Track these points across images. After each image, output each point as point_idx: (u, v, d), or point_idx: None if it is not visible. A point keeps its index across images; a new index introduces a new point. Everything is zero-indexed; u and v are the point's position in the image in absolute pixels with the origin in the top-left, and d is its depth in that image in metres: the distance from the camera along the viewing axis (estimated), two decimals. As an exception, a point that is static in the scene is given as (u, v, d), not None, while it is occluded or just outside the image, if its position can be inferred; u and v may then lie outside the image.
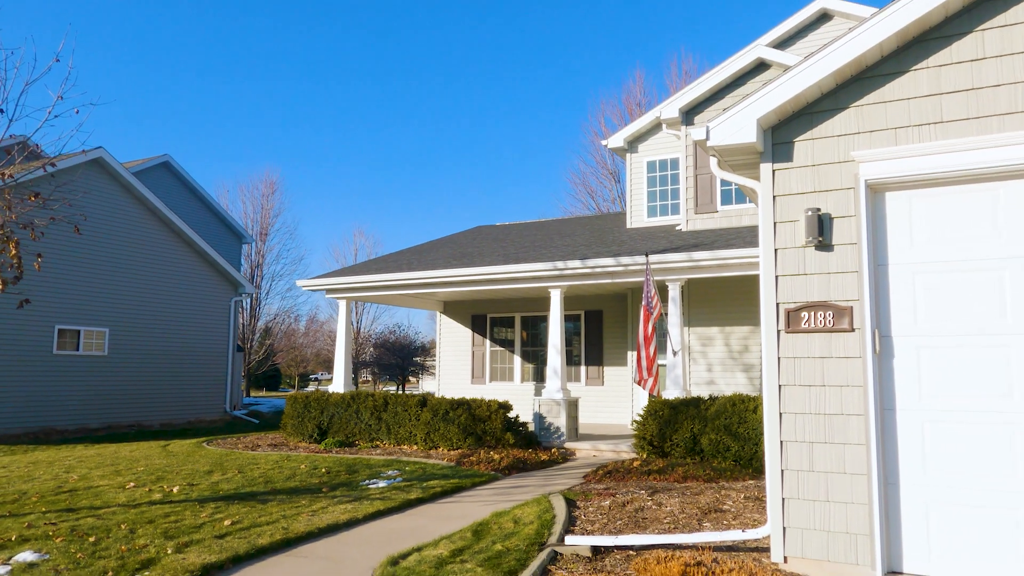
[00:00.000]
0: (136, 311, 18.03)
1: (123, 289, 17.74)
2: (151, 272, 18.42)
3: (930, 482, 4.78)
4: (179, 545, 5.91)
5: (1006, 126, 4.65)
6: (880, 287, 5.00)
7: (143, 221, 18.33)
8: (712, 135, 5.35)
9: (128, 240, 17.89)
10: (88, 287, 16.93)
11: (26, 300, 7.24)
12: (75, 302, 16.64)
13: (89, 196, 16.41)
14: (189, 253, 19.55)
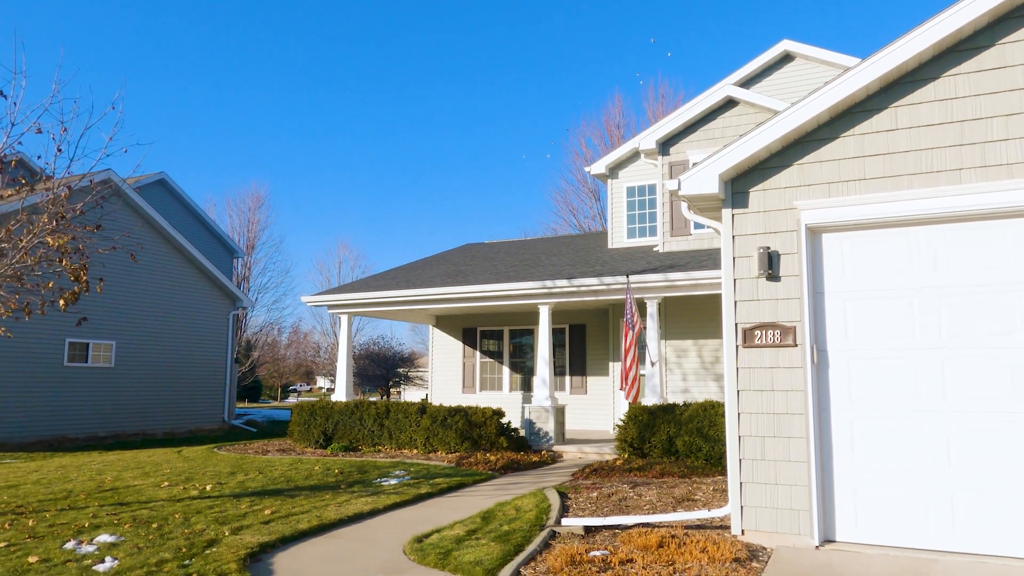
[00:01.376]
0: (141, 324, 18.87)
1: (129, 303, 18.59)
2: (155, 287, 19.29)
3: (857, 467, 5.96)
4: (233, 529, 6.93)
5: (914, 184, 5.86)
6: (818, 310, 6.19)
7: (148, 238, 19.20)
8: (683, 186, 6.52)
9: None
10: (96, 302, 17.75)
11: (84, 318, 8.23)
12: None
13: (96, 213, 17.27)
14: (190, 269, 20.44)
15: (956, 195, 5.72)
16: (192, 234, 26.94)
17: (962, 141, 5.75)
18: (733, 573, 5.20)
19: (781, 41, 14.61)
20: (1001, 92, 5.66)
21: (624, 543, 6.11)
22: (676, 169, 14.30)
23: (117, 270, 18.31)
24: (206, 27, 77.89)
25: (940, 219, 5.87)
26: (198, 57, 79.42)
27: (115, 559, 5.87)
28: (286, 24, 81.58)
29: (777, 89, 14.52)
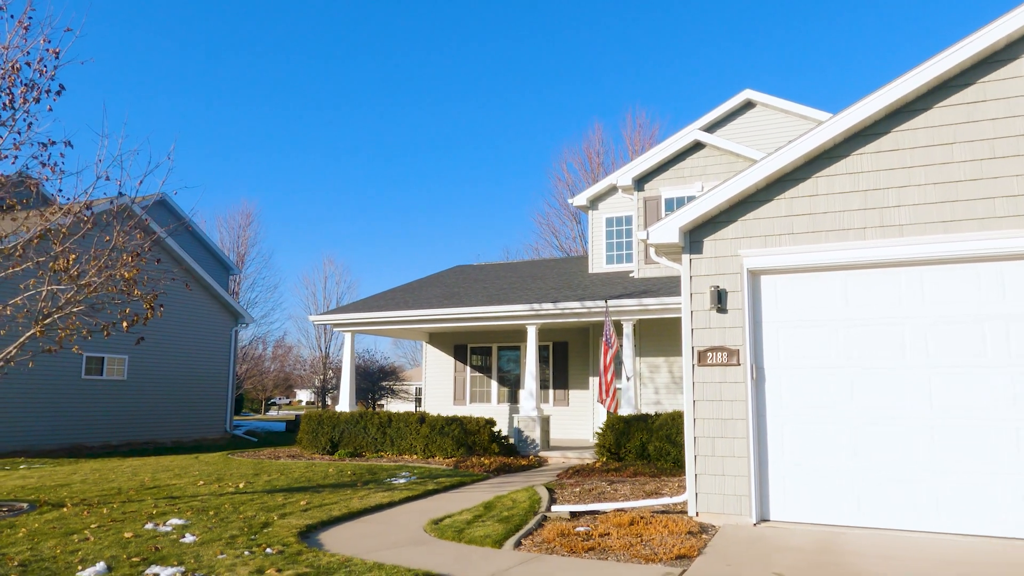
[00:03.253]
0: (151, 340, 20.10)
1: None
2: (165, 304, 20.53)
3: (786, 461, 7.54)
4: (280, 515, 8.35)
5: (830, 239, 7.49)
6: (756, 336, 7.79)
7: (162, 260, 20.48)
8: (651, 235, 8.11)
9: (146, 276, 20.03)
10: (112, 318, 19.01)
11: (141, 338, 9.62)
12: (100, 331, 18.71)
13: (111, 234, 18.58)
14: (197, 288, 21.73)
15: (861, 248, 7.35)
16: (191, 252, 28.20)
17: (866, 206, 7.39)
18: (687, 541, 6.73)
19: (744, 90, 16.37)
20: (895, 169, 7.32)
21: (602, 522, 7.64)
22: (650, 203, 15.96)
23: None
24: (198, 44, 79.00)
25: (850, 266, 7.50)
26: (190, 75, 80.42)
27: (193, 535, 7.27)
28: (278, 42, 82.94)
29: (740, 133, 16.25)
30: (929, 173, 7.18)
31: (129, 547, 6.74)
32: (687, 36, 76.49)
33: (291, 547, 6.74)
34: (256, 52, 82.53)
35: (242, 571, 5.87)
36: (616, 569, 5.92)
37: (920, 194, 7.18)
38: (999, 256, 6.95)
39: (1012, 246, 6.83)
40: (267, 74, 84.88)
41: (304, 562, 6.16)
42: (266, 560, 6.22)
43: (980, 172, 6.98)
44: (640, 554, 6.33)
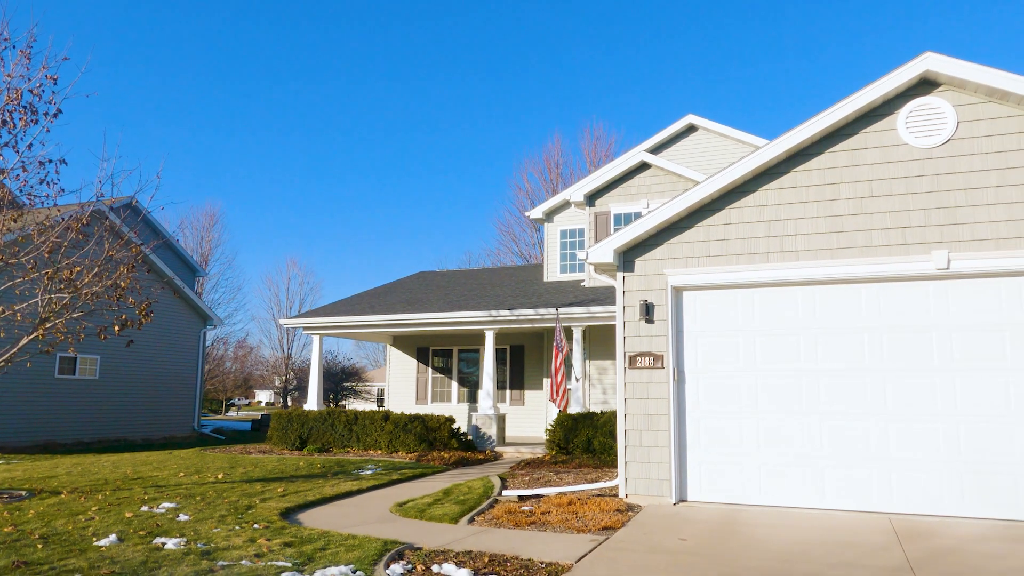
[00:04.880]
0: (123, 340, 20.81)
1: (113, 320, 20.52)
2: (137, 307, 21.25)
3: (702, 451, 8.84)
4: (261, 499, 9.40)
5: (740, 261, 8.81)
6: (679, 344, 9.08)
7: (132, 263, 21.19)
8: (590, 256, 9.36)
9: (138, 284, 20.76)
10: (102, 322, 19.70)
11: (131, 341, 10.55)
12: (97, 335, 19.41)
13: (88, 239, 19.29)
14: (167, 290, 22.43)
15: (765, 270, 8.69)
16: (160, 255, 28.79)
17: (769, 234, 8.74)
18: (614, 516, 7.97)
19: (687, 115, 17.79)
20: (793, 203, 8.68)
21: (545, 504, 8.86)
22: (600, 218, 17.27)
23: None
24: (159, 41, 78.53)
25: (756, 285, 8.83)
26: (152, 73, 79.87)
27: (186, 515, 8.29)
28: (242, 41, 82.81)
29: (683, 155, 17.66)
30: (820, 208, 8.55)
31: (132, 524, 7.75)
32: (645, 56, 78.66)
33: (275, 523, 7.81)
34: (220, 50, 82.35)
35: (236, 540, 6.94)
36: (552, 537, 7.13)
37: (813, 225, 8.54)
38: (876, 279, 8.34)
39: (886, 271, 8.23)
40: (231, 75, 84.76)
41: (288, 534, 7.25)
42: (255, 532, 7.29)
43: (860, 208, 8.37)
44: (574, 526, 7.55)
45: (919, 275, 8.13)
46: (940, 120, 8.13)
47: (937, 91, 8.20)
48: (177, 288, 21.72)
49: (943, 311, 8.09)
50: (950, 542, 6.72)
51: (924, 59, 8.05)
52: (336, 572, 5.71)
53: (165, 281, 21.28)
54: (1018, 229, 7.72)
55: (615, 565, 6.02)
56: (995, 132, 7.91)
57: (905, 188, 8.20)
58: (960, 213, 7.96)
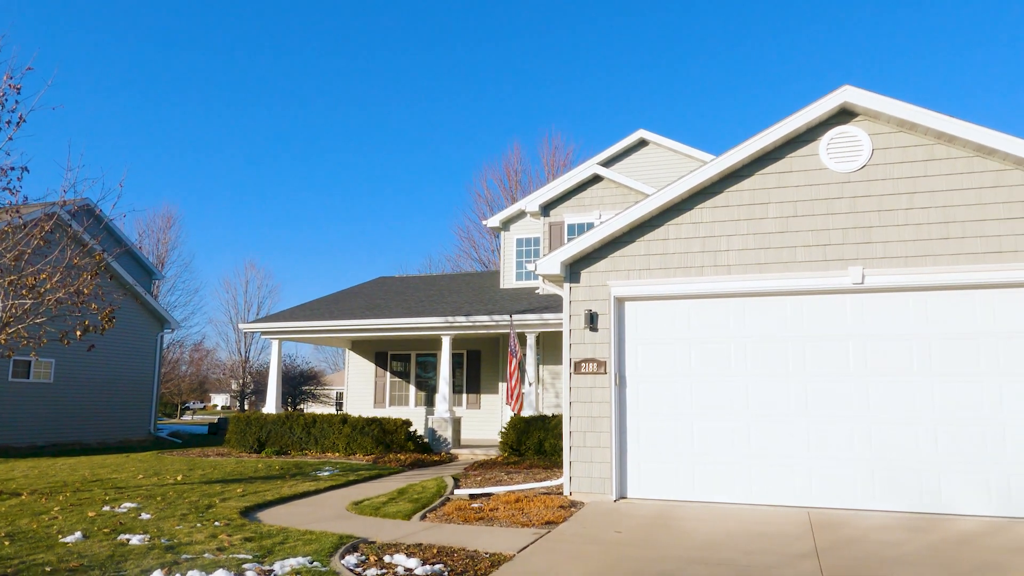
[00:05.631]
0: (79, 344, 20.76)
1: (69, 323, 20.47)
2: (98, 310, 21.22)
3: (641, 451, 9.46)
4: (221, 499, 9.74)
5: (677, 275, 9.46)
6: (620, 351, 9.70)
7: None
8: (539, 267, 9.93)
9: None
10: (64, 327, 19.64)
11: (92, 345, 10.79)
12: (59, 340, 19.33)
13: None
14: (115, 290, 22.41)
15: (700, 283, 9.36)
16: (119, 259, 28.64)
17: (704, 249, 9.41)
18: (558, 512, 8.52)
19: (638, 130, 18.53)
20: (726, 221, 9.36)
21: (494, 501, 9.39)
22: (554, 227, 17.89)
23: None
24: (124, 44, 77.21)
25: (692, 297, 9.49)
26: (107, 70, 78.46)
27: (148, 514, 8.61)
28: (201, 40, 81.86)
29: (634, 168, 18.38)
30: (750, 225, 9.25)
31: (96, 522, 8.06)
32: (603, 69, 79.97)
33: (235, 521, 8.20)
34: (177, 48, 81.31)
35: (198, 536, 7.32)
36: (498, 531, 7.65)
37: (743, 242, 9.24)
38: (799, 292, 9.06)
39: (808, 284, 8.95)
40: (189, 77, 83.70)
41: (248, 530, 7.65)
42: (216, 529, 7.67)
43: (786, 227, 9.09)
44: (519, 521, 8.09)
45: (837, 289, 8.86)
46: (857, 147, 8.89)
47: (855, 121, 8.96)
48: (138, 294, 21.78)
49: (859, 322, 8.84)
50: (857, 532, 7.42)
51: (843, 91, 8.80)
52: (295, 563, 6.15)
53: (126, 288, 21.31)
54: (924, 248, 8.50)
55: (553, 554, 6.57)
56: (905, 159, 8.69)
57: (826, 209, 8.94)
58: (874, 233, 8.72)
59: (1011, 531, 7.40)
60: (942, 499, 8.26)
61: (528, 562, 6.30)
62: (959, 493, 8.21)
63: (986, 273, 8.27)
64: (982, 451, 8.20)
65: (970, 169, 8.47)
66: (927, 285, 8.55)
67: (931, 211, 8.52)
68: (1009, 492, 8.06)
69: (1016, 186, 8.28)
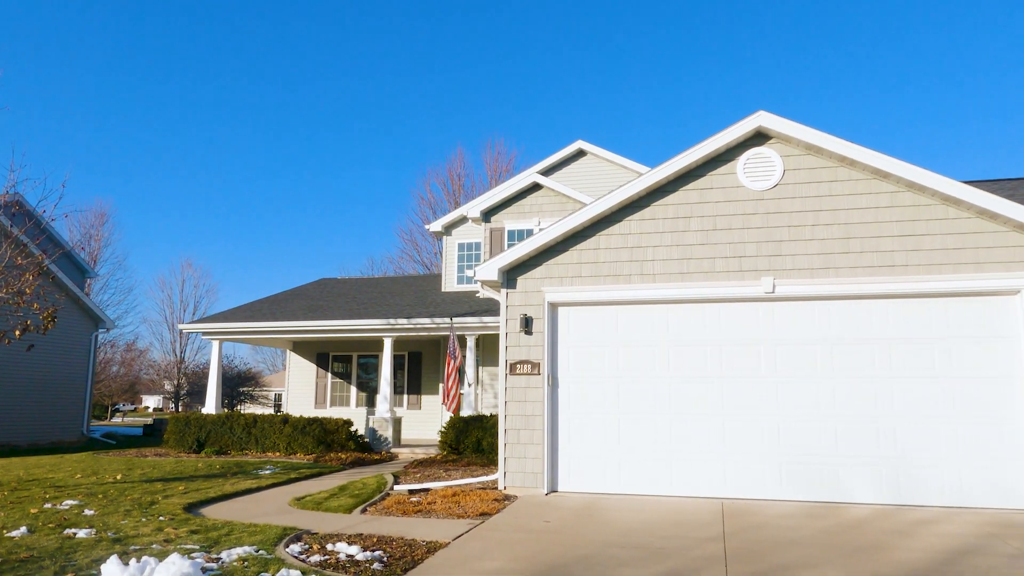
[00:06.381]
0: (18, 343, 20.34)
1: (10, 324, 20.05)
2: (26, 309, 20.82)
3: (572, 447, 10.06)
4: (163, 496, 9.95)
5: (607, 282, 10.11)
6: (554, 353, 10.29)
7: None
8: (477, 273, 10.45)
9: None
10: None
11: (31, 345, 10.83)
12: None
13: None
14: (56, 291, 22.02)
15: (629, 290, 10.02)
16: (49, 254, 27.96)
17: (632, 259, 10.08)
18: (492, 505, 9.05)
19: (577, 141, 19.24)
20: (652, 233, 10.05)
21: (432, 495, 9.86)
22: (495, 233, 18.43)
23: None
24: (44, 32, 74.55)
25: (621, 303, 10.15)
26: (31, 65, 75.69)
27: (92, 511, 8.79)
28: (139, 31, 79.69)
29: (573, 178, 19.08)
30: (675, 237, 9.96)
31: (40, 519, 8.22)
32: (545, 78, 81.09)
33: (180, 516, 8.47)
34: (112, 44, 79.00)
35: (144, 530, 7.59)
36: (435, 522, 8.13)
37: (667, 252, 9.94)
38: (717, 299, 9.81)
39: (725, 293, 9.70)
40: (122, 71, 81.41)
41: (194, 523, 7.94)
42: (161, 523, 7.94)
43: (706, 239, 9.83)
44: (455, 513, 8.59)
45: (751, 297, 9.64)
46: (770, 168, 9.70)
47: (768, 143, 9.77)
48: (74, 293, 21.45)
49: (769, 327, 9.63)
50: (763, 519, 8.16)
51: (758, 116, 9.59)
52: (241, 552, 6.52)
53: (64, 289, 20.97)
54: (828, 261, 9.35)
55: (485, 542, 7.09)
56: (812, 180, 9.53)
57: (742, 224, 9.72)
58: (784, 246, 9.52)
59: (896, 517, 8.25)
60: (840, 489, 9.10)
61: (462, 548, 6.80)
62: (855, 484, 9.06)
63: (880, 284, 9.16)
64: (875, 446, 9.07)
65: (868, 190, 9.35)
66: (830, 295, 9.40)
67: (834, 227, 9.37)
68: (898, 483, 8.95)
69: (908, 207, 9.19)
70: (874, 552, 6.62)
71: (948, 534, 7.33)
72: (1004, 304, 8.98)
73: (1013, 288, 8.83)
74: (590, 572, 5.94)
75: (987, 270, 8.90)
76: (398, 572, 5.92)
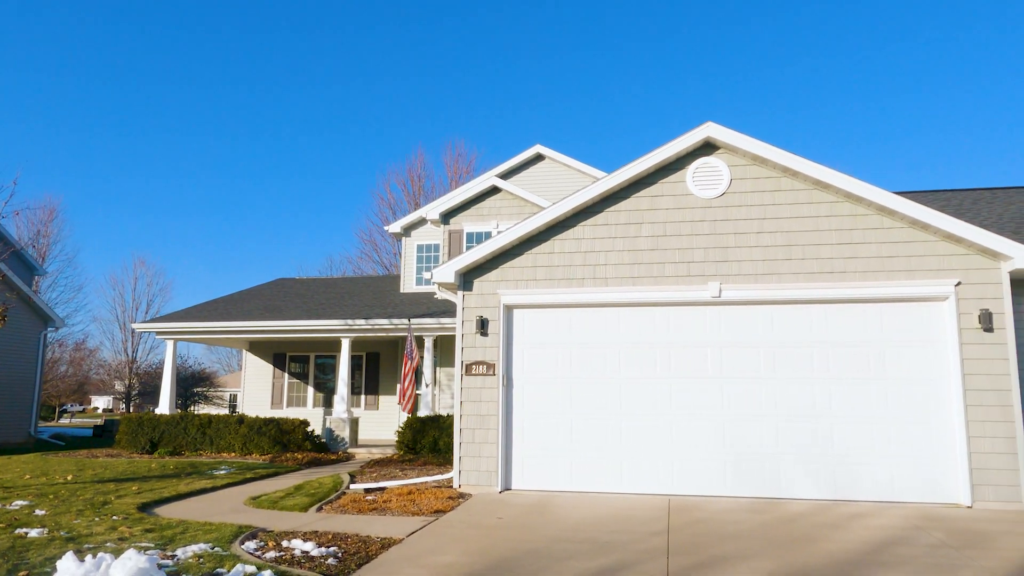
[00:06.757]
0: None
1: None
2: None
3: (525, 446, 10.31)
4: (116, 496, 9.92)
5: (561, 285, 10.38)
6: (509, 354, 10.52)
7: None
8: (435, 275, 10.64)
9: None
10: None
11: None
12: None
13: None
14: (6, 290, 21.53)
15: (582, 293, 10.31)
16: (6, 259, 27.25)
17: (586, 263, 10.37)
18: (447, 502, 9.24)
19: (535, 145, 19.53)
20: (605, 238, 10.36)
21: (388, 494, 10.01)
22: (454, 235, 18.61)
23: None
24: None
25: (575, 305, 10.43)
26: None
27: (43, 511, 8.75)
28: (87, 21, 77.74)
29: (531, 182, 19.36)
30: (626, 243, 10.28)
31: (-11, 519, 8.17)
32: (506, 81, 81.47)
33: (134, 515, 8.49)
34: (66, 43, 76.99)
35: (98, 529, 7.61)
36: (390, 519, 8.30)
37: (619, 257, 10.26)
38: (667, 303, 10.15)
39: (675, 296, 10.05)
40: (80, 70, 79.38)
41: (148, 522, 7.98)
42: (115, 523, 7.97)
43: (657, 245, 10.17)
44: (410, 511, 8.76)
45: (699, 301, 10.01)
46: (718, 177, 10.08)
47: (716, 153, 10.15)
48: (23, 291, 21.00)
49: (716, 330, 10.01)
50: (707, 514, 8.51)
51: (707, 127, 9.96)
52: (196, 549, 6.61)
53: (13, 287, 20.51)
54: (771, 267, 9.76)
55: (438, 538, 7.30)
56: (756, 189, 9.94)
57: (691, 230, 10.08)
58: (730, 252, 9.91)
59: (831, 511, 8.68)
60: (781, 485, 9.51)
61: (416, 544, 6.99)
62: (795, 480, 9.48)
63: (820, 290, 9.60)
64: (813, 444, 9.51)
65: (810, 200, 9.78)
66: (773, 299, 9.81)
67: (777, 235, 9.79)
68: (834, 479, 9.39)
69: (846, 216, 9.65)
70: (807, 544, 6.99)
71: (877, 527, 7.76)
72: (934, 310, 9.48)
73: (942, 295, 9.34)
74: (538, 564, 6.19)
75: (918, 277, 9.40)
76: (352, 567, 6.08)
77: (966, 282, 9.25)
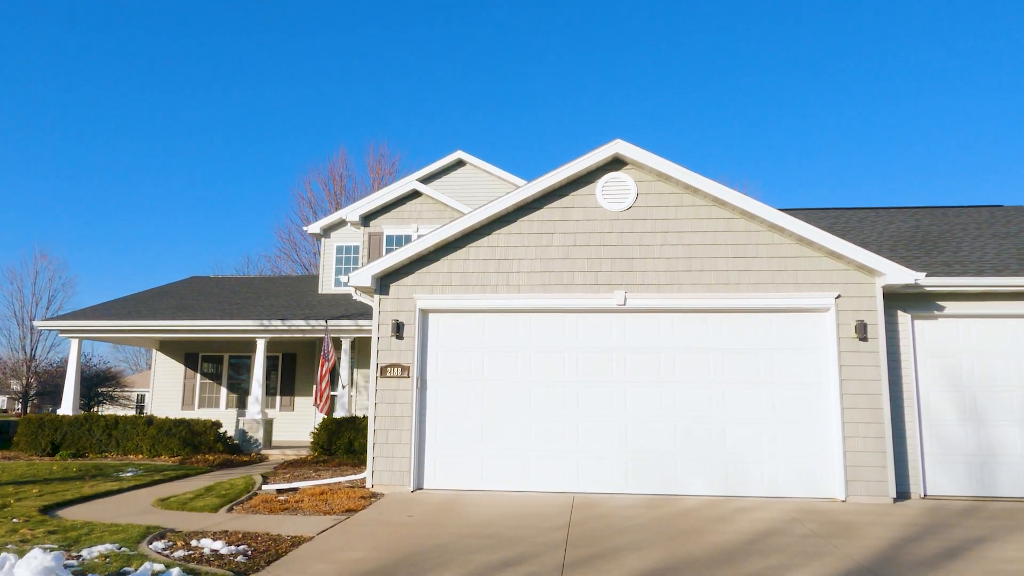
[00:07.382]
0: None
1: None
2: None
3: (438, 447, 10.61)
4: (15, 499, 9.68)
5: (475, 291, 10.72)
6: (424, 356, 10.81)
7: None
8: (352, 279, 10.82)
9: None
10: None
11: None
12: None
13: None
14: None
15: (495, 299, 10.68)
16: None
17: (499, 270, 10.76)
18: (359, 502, 9.45)
19: (457, 151, 19.86)
20: (518, 247, 10.77)
21: (301, 494, 10.13)
22: (374, 238, 18.72)
23: None
24: None
25: (488, 310, 10.79)
26: None
27: (-64, 514, 8.50)
28: None
29: (452, 186, 19.67)
30: (538, 251, 10.72)
31: None
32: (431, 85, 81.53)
33: (35, 517, 8.36)
34: None
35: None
36: (301, 519, 8.46)
37: (531, 265, 10.69)
38: (576, 310, 10.64)
39: (583, 304, 10.55)
40: None
41: (51, 524, 7.89)
42: (15, 525, 7.84)
43: (567, 254, 10.65)
44: (322, 510, 8.93)
45: (606, 308, 10.54)
46: (625, 191, 10.65)
47: (624, 168, 10.72)
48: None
49: (621, 336, 10.57)
50: (607, 510, 9.02)
51: (615, 144, 10.51)
52: (103, 549, 6.64)
53: None
54: (673, 278, 10.38)
55: (348, 535, 7.52)
56: (660, 204, 10.55)
57: (599, 241, 10.61)
58: (635, 263, 10.49)
59: (723, 506, 9.34)
60: (678, 483, 10.13)
61: (326, 542, 7.21)
62: (690, 477, 10.12)
63: (717, 300, 10.29)
64: (707, 444, 10.17)
65: (709, 215, 10.46)
66: (674, 308, 10.44)
67: (679, 248, 10.43)
68: (726, 476, 10.08)
69: (741, 231, 10.37)
70: (695, 535, 7.57)
71: (760, 519, 8.43)
72: (818, 320, 10.30)
73: (824, 306, 10.16)
74: (444, 558, 6.52)
75: (804, 290, 10.20)
76: (262, 564, 6.26)
77: (845, 295, 10.11)
